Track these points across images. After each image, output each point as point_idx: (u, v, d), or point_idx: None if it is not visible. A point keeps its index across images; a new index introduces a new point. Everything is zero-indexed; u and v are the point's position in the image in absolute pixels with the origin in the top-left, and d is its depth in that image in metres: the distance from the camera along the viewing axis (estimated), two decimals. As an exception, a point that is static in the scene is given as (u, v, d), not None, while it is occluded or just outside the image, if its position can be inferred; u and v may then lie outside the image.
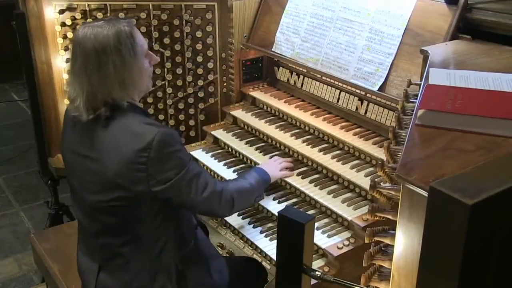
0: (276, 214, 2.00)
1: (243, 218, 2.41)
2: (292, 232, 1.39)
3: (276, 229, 2.07)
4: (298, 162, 2.56)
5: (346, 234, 2.18)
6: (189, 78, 3.04)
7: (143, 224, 1.91)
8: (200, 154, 2.80)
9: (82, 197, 1.95)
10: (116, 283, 1.97)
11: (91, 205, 1.92)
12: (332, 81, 2.69)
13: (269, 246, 2.23)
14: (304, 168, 2.51)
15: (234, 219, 2.40)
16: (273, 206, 2.38)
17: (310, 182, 2.40)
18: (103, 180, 1.85)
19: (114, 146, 1.82)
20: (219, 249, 2.38)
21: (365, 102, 2.56)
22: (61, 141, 2.09)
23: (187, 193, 1.88)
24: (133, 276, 1.95)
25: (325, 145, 2.57)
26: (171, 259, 1.95)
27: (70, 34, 2.91)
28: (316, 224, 2.19)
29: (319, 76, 2.76)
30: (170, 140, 1.84)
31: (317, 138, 2.63)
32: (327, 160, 2.45)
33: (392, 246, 1.35)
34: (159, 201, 1.87)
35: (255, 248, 2.27)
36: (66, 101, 3.03)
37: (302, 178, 2.44)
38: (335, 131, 2.56)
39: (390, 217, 1.45)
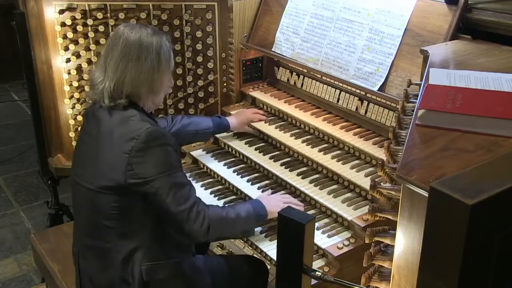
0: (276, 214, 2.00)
1: (243, 218, 2.40)
2: (292, 232, 1.39)
3: (276, 229, 2.07)
4: (298, 162, 2.56)
5: (346, 234, 2.18)
6: (189, 78, 3.04)
7: (120, 220, 1.92)
8: (200, 154, 2.80)
9: (78, 183, 2.00)
10: (92, 270, 2.01)
11: (83, 191, 1.97)
12: (332, 81, 2.69)
13: (269, 246, 2.22)
14: (304, 168, 2.51)
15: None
16: (273, 206, 2.37)
17: (310, 182, 2.40)
18: (94, 167, 1.92)
19: (109, 135, 1.90)
20: (219, 249, 2.38)
21: (365, 102, 2.56)
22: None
23: (164, 197, 1.86)
24: (104, 270, 1.97)
25: (325, 145, 2.57)
26: (138, 266, 1.94)
27: (70, 34, 2.91)
28: (316, 224, 2.19)
29: (319, 76, 2.76)
30: (159, 137, 1.87)
31: (317, 138, 2.63)
32: (327, 160, 2.45)
33: (392, 246, 1.35)
34: (137, 199, 1.89)
35: (255, 248, 2.27)
36: (66, 101, 3.04)
37: (302, 178, 2.44)
38: (335, 131, 2.56)
39: (390, 217, 1.45)
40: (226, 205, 2.37)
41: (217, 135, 2.85)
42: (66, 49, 2.95)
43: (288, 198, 2.30)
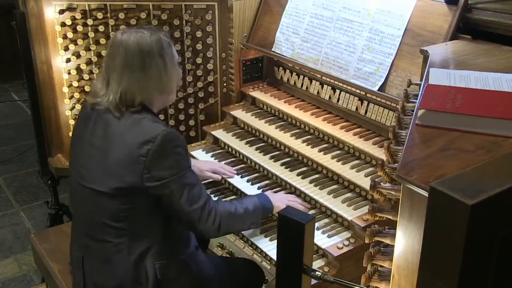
0: (276, 214, 2.00)
1: (243, 218, 2.40)
2: (292, 232, 1.39)
3: (276, 229, 2.07)
4: (298, 162, 2.56)
5: (346, 234, 2.18)
6: (189, 78, 3.04)
7: (130, 221, 1.91)
8: (200, 154, 2.80)
9: (80, 184, 1.98)
10: (97, 273, 1.98)
11: (86, 192, 1.95)
12: (332, 81, 2.69)
13: (269, 246, 2.23)
14: (304, 168, 2.51)
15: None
16: (273, 206, 2.37)
17: (310, 182, 2.40)
18: (102, 169, 1.89)
19: (121, 137, 1.88)
20: (219, 249, 2.37)
21: (365, 102, 2.56)
22: (73, 129, 2.17)
23: (178, 198, 1.88)
24: (112, 272, 1.95)
25: (325, 145, 2.57)
26: (151, 265, 1.94)
27: (70, 34, 2.91)
28: (316, 224, 2.19)
29: (319, 76, 2.76)
30: (174, 140, 1.89)
31: (317, 138, 2.63)
32: (327, 160, 2.45)
33: (392, 246, 1.35)
34: (151, 200, 1.89)
35: (255, 248, 2.27)
36: (66, 101, 3.04)
37: (302, 178, 2.44)
38: (335, 131, 2.56)
39: (390, 217, 1.45)
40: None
41: (217, 135, 2.85)
42: (66, 49, 2.95)
43: (293, 197, 2.34)
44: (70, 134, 3.10)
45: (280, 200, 2.24)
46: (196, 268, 2.07)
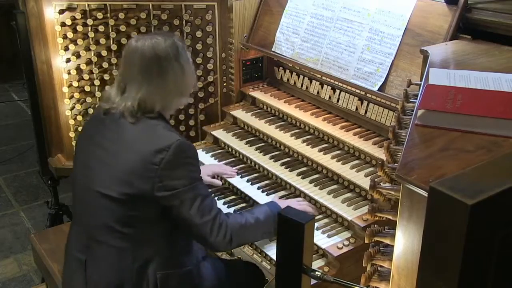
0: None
1: (243, 218, 2.40)
2: (292, 232, 1.39)
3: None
4: (298, 162, 2.56)
5: (346, 234, 2.18)
6: (189, 78, 3.04)
7: (136, 227, 1.90)
8: (200, 154, 2.80)
9: (86, 186, 1.96)
10: (99, 277, 1.96)
11: (92, 195, 1.92)
12: (332, 81, 2.69)
13: (269, 246, 2.22)
14: (304, 168, 2.51)
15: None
16: (273, 206, 2.37)
17: (310, 182, 2.40)
18: (112, 173, 1.87)
19: (134, 143, 1.87)
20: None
21: (365, 102, 2.56)
22: (82, 129, 2.17)
23: (187, 209, 1.86)
24: (115, 277, 1.94)
25: (325, 145, 2.57)
26: (153, 274, 1.93)
27: (70, 34, 2.91)
28: (316, 224, 2.19)
29: (319, 76, 2.76)
30: (187, 150, 1.88)
31: (317, 138, 2.63)
32: (327, 160, 2.45)
33: (392, 246, 1.35)
34: (159, 208, 1.87)
35: (255, 248, 2.27)
36: (66, 101, 3.04)
37: (302, 178, 2.44)
38: (335, 131, 2.56)
39: (390, 217, 1.45)
40: (240, 210, 2.37)
41: (217, 135, 2.85)
42: (66, 49, 2.96)
43: (303, 201, 2.31)
44: (70, 134, 3.11)
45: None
46: (198, 279, 2.05)
